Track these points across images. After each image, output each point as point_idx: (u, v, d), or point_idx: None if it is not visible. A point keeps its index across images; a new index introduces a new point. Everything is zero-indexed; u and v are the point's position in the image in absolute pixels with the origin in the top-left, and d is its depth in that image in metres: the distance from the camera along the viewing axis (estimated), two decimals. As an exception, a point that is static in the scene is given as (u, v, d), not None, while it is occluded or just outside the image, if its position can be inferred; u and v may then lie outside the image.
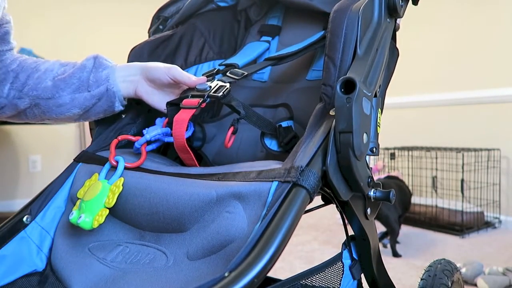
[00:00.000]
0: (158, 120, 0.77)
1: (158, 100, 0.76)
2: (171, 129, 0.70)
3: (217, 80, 0.75)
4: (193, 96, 0.71)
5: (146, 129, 0.75)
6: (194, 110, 0.69)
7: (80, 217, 0.62)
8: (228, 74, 0.80)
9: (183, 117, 0.68)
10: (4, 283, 0.64)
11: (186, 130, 0.71)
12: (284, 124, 0.80)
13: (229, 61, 0.87)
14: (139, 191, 0.64)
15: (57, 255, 0.67)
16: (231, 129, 0.72)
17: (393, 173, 2.42)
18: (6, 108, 0.75)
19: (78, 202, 0.66)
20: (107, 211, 0.63)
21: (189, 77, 0.74)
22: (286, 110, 0.84)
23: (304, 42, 0.83)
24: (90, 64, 0.76)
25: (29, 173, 3.09)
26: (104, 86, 0.74)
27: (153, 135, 0.72)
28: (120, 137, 0.73)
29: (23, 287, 0.65)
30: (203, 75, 0.82)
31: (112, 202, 0.63)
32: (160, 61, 0.83)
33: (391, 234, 1.99)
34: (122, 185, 0.65)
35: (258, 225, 0.51)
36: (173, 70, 0.74)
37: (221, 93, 0.70)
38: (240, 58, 0.88)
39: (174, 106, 0.73)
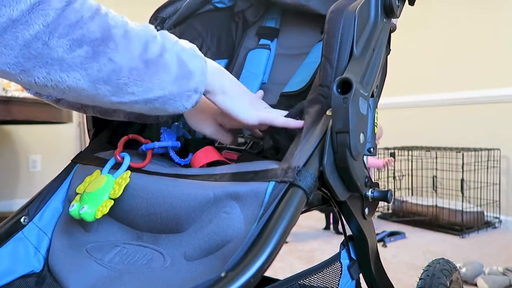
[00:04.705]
0: (174, 126, 0.77)
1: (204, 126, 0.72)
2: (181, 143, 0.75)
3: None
4: (230, 149, 0.75)
5: (164, 130, 0.75)
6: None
7: (83, 207, 0.61)
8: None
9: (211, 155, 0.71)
10: (1, 284, 0.64)
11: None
12: None
13: None
14: (136, 191, 0.64)
15: (55, 256, 0.67)
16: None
17: None
18: None
19: (78, 196, 0.66)
20: (112, 202, 0.62)
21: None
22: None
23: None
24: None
25: (29, 173, 3.09)
26: None
27: (163, 145, 0.73)
28: (130, 136, 0.73)
29: (21, 288, 0.65)
30: None
31: (118, 193, 0.63)
32: None
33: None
34: (129, 177, 0.65)
35: (255, 225, 0.52)
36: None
37: (256, 150, 0.73)
38: (249, 76, 0.89)
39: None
